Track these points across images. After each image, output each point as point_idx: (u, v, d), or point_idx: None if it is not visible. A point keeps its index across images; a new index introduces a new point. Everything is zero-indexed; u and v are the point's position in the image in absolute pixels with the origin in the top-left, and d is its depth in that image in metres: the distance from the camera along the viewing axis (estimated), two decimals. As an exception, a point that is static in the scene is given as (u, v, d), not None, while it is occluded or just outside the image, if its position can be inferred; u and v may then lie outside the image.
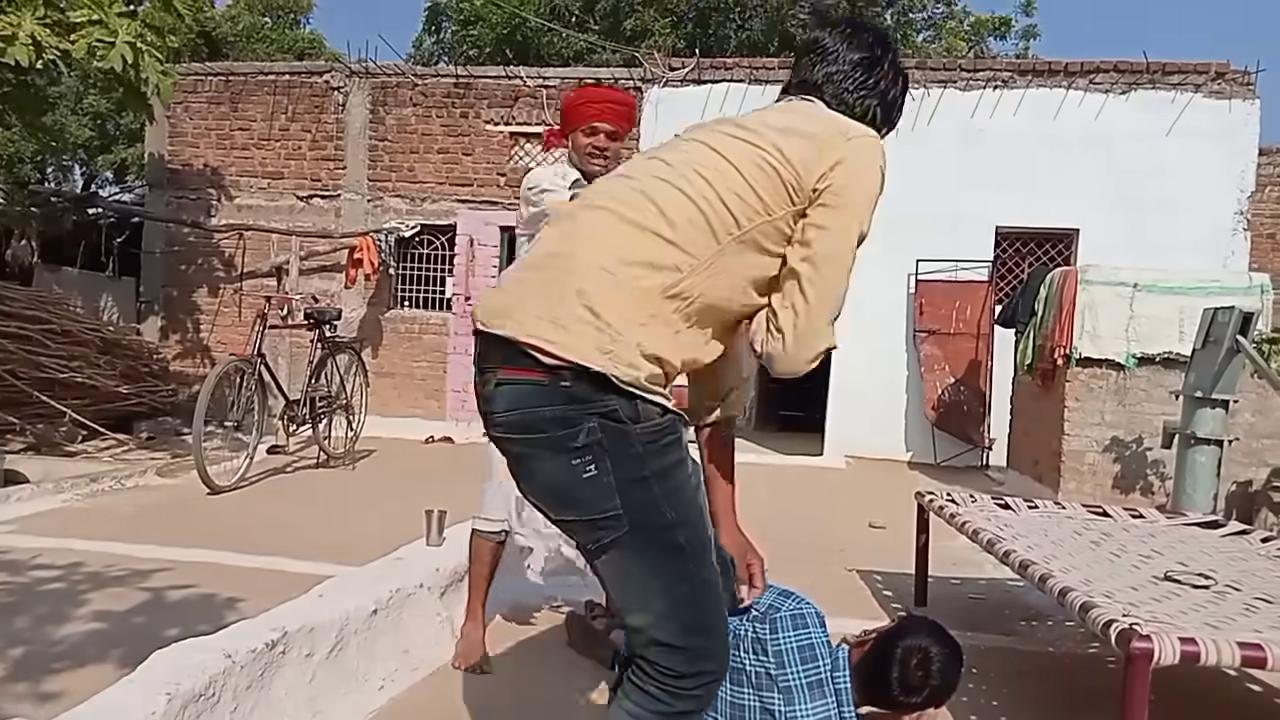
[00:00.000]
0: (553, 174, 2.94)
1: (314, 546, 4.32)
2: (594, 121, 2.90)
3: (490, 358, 1.51)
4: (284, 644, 2.34)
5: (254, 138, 10.30)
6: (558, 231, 1.58)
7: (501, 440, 1.54)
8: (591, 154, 2.91)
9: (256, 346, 6.14)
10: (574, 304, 1.44)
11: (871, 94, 1.77)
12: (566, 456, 1.45)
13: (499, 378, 1.49)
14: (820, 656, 2.08)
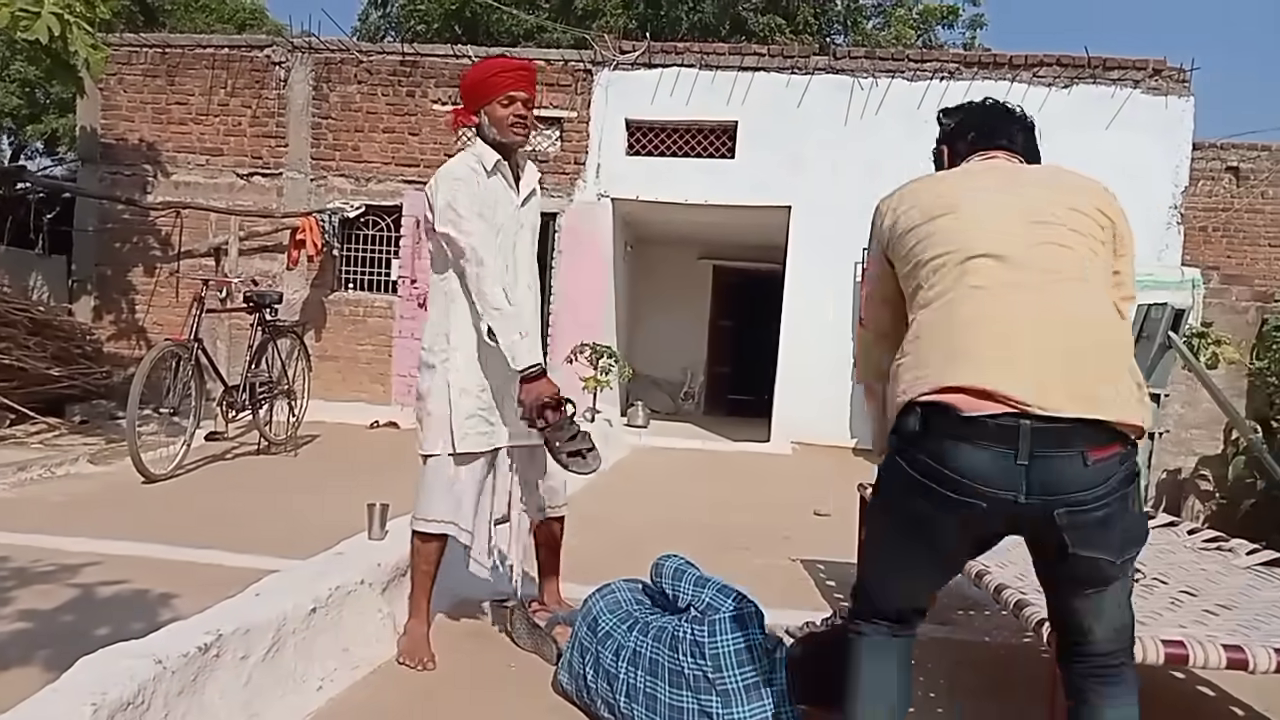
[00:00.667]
0: (468, 170, 2.82)
1: (253, 538, 4.23)
2: (510, 90, 2.80)
3: (1070, 440, 1.52)
4: (218, 647, 2.28)
5: (192, 112, 10.00)
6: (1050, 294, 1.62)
7: (1082, 512, 1.56)
8: (514, 124, 2.82)
9: (193, 331, 5.98)
10: (1130, 380, 1.58)
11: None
12: (1132, 502, 1.61)
13: (1092, 459, 1.53)
14: (757, 659, 2.10)
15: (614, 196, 9.48)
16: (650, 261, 12.18)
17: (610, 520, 5.09)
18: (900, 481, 1.65)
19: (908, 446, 1.62)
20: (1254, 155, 11.81)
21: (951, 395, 1.54)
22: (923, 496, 1.61)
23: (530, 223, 3.03)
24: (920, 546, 1.70)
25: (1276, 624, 2.39)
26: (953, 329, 1.61)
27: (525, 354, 2.69)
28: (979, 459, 1.53)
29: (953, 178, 1.90)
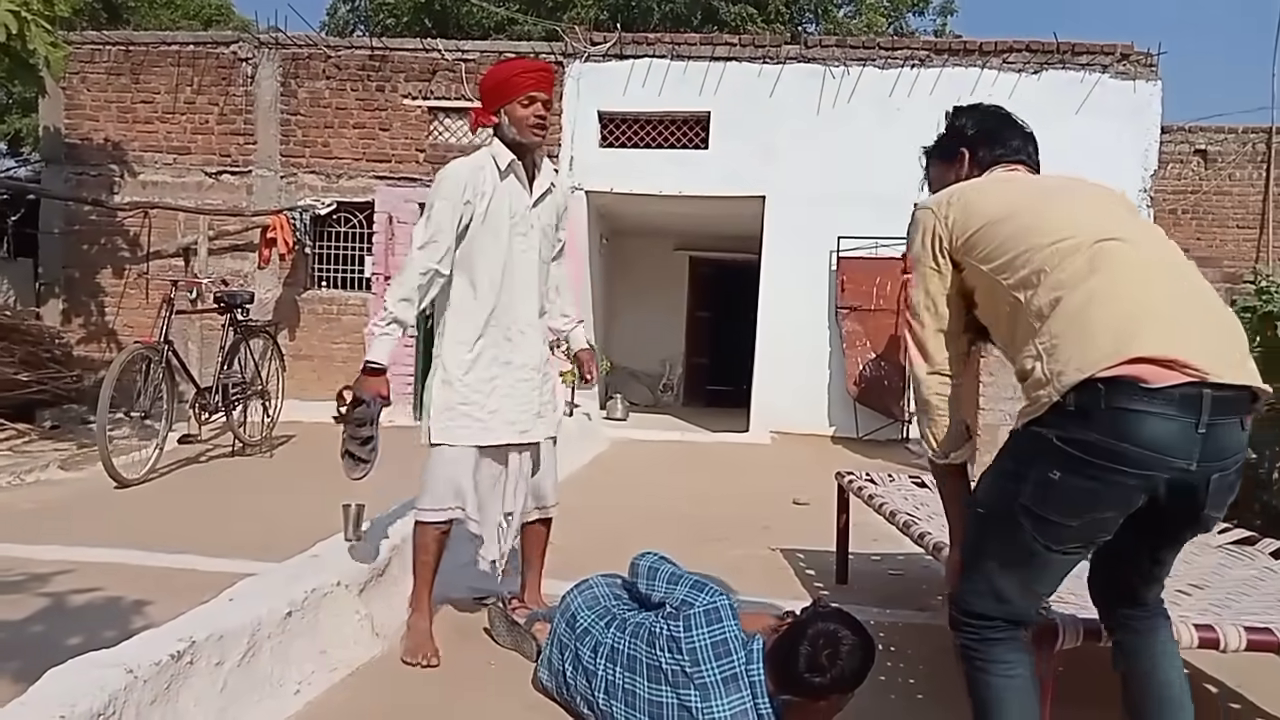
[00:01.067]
0: (470, 171, 2.86)
1: (228, 542, 4.19)
2: (532, 91, 2.84)
3: (1237, 407, 1.58)
4: (191, 654, 2.25)
5: (158, 111, 9.86)
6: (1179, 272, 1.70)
7: (1227, 475, 1.63)
8: (534, 125, 2.86)
9: (163, 333, 5.90)
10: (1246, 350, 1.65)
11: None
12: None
13: (1247, 424, 1.62)
14: (734, 650, 2.09)
15: (588, 189, 9.45)
16: (626, 253, 12.17)
17: (590, 514, 5.08)
18: (1047, 458, 1.62)
19: (1075, 426, 1.58)
20: (1221, 138, 11.94)
21: (1136, 367, 1.53)
22: (1091, 478, 1.58)
23: (543, 222, 3.04)
24: (1074, 534, 1.67)
25: (1247, 602, 2.42)
26: (1116, 305, 1.60)
27: (375, 348, 2.81)
28: (1163, 429, 1.53)
29: (1017, 182, 1.97)
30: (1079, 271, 1.64)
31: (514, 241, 2.93)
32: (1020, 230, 1.76)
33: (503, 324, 2.94)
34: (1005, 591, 1.77)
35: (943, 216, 1.88)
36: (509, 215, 2.90)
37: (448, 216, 2.82)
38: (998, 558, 1.76)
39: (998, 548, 1.76)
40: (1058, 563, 1.73)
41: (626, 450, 8.12)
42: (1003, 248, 1.77)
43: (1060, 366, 1.60)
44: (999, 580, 1.76)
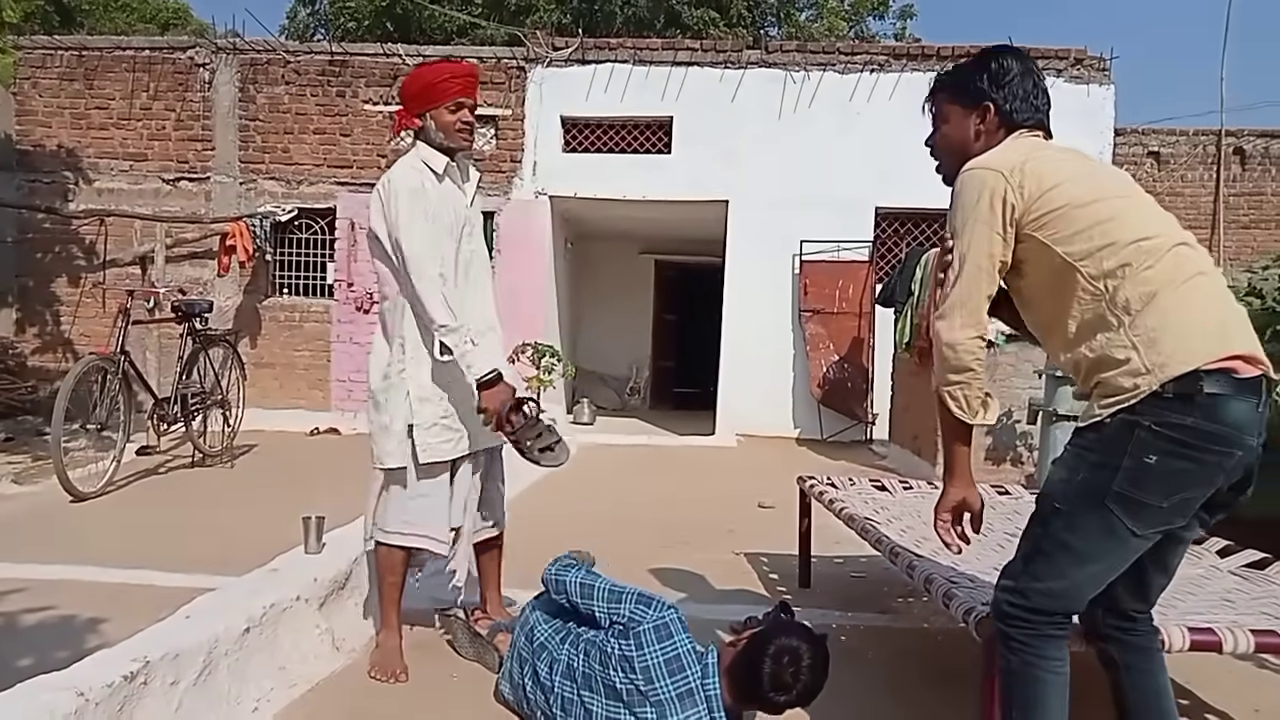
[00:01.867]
0: (418, 178, 2.81)
1: (187, 556, 4.13)
2: (459, 97, 2.82)
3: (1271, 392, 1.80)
4: (145, 674, 2.22)
5: (113, 117, 9.70)
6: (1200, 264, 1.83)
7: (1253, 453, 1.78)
8: (461, 130, 2.84)
9: (120, 343, 5.81)
10: None
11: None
12: None
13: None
14: (688, 665, 2.10)
15: (552, 194, 9.44)
16: (592, 257, 12.17)
17: (556, 520, 5.07)
18: (1142, 445, 1.74)
19: (1173, 412, 1.72)
20: (1173, 140, 12.17)
21: (1232, 361, 1.72)
22: (1188, 458, 1.72)
23: (479, 220, 3.06)
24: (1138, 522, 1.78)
25: (1192, 601, 2.48)
26: (1213, 305, 1.79)
27: (480, 361, 2.70)
28: (1244, 410, 1.72)
29: (1082, 163, 1.98)
30: (1167, 271, 1.78)
31: (462, 244, 2.90)
32: (1101, 220, 1.82)
33: None
34: (1083, 585, 1.85)
35: (1016, 185, 1.88)
36: (455, 218, 2.87)
37: (422, 220, 2.75)
38: (1081, 552, 1.82)
39: (1082, 541, 1.81)
40: (1135, 548, 1.83)
41: (593, 455, 8.11)
42: (1085, 234, 1.83)
43: (1163, 359, 1.73)
44: (1078, 574, 1.83)
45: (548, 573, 2.53)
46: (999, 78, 2.05)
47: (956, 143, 2.11)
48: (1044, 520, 1.88)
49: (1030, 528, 1.93)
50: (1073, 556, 1.82)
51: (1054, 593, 1.85)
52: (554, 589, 2.47)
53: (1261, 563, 2.84)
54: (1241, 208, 12.03)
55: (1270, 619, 2.29)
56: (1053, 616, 1.86)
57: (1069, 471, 1.85)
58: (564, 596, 2.44)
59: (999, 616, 1.92)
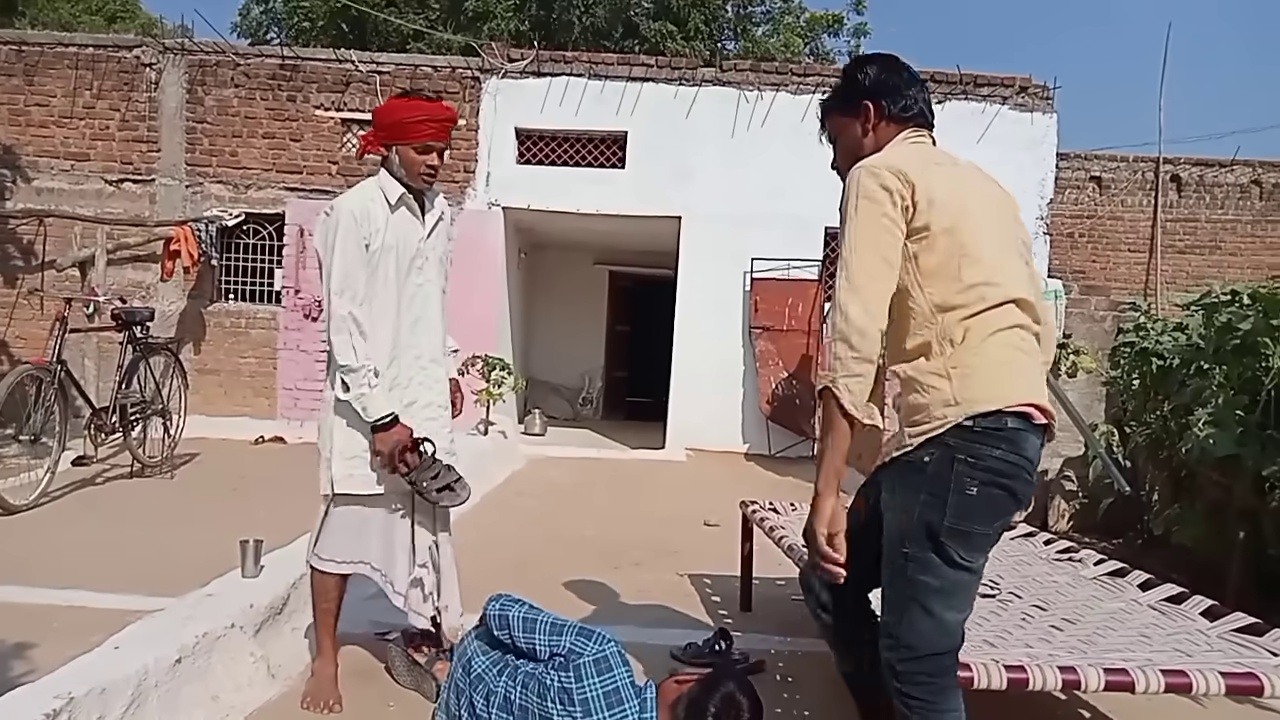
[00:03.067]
0: (364, 208, 2.78)
1: (122, 575, 4.04)
2: (430, 140, 2.80)
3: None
4: (69, 711, 2.18)
5: (54, 114, 9.46)
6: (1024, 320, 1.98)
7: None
8: (425, 173, 2.83)
9: (56, 353, 5.66)
10: None
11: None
12: None
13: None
14: (626, 699, 2.13)
15: (505, 205, 9.42)
16: (546, 267, 12.16)
17: (503, 539, 5.07)
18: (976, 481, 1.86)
19: (980, 445, 1.85)
20: (1114, 166, 12.55)
21: (1029, 408, 1.88)
22: (1002, 487, 1.88)
23: (437, 254, 3.00)
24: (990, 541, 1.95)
25: (1113, 637, 2.57)
26: (1015, 359, 1.93)
27: (375, 405, 2.70)
28: (1037, 446, 1.92)
29: (945, 168, 2.04)
30: (995, 319, 1.92)
31: (411, 276, 2.88)
32: (957, 255, 1.93)
33: (405, 363, 2.87)
34: (950, 620, 1.93)
35: (909, 193, 1.93)
36: (404, 249, 2.84)
37: (354, 253, 2.73)
38: (941, 589, 1.90)
39: (938, 579, 1.89)
40: (974, 579, 1.96)
41: (542, 469, 8.11)
42: (942, 265, 1.93)
43: (973, 395, 1.86)
44: (943, 611, 1.91)
45: (490, 608, 2.53)
46: (870, 78, 2.14)
47: (851, 149, 2.17)
48: (900, 569, 1.94)
49: (891, 579, 1.99)
50: (939, 596, 1.90)
51: (933, 636, 1.92)
52: (496, 625, 2.47)
53: (1178, 597, 2.94)
54: (1177, 233, 12.45)
55: (1183, 656, 2.39)
56: (942, 658, 1.94)
57: (905, 514, 1.93)
58: (505, 632, 2.44)
59: (896, 678, 1.95)
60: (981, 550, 1.93)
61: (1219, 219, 12.42)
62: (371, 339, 2.79)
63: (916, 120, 2.12)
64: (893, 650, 1.96)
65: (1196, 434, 3.82)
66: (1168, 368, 4.34)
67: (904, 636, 1.93)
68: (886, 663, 1.97)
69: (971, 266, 1.91)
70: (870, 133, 2.14)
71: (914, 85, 2.14)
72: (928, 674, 1.93)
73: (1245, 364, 4.02)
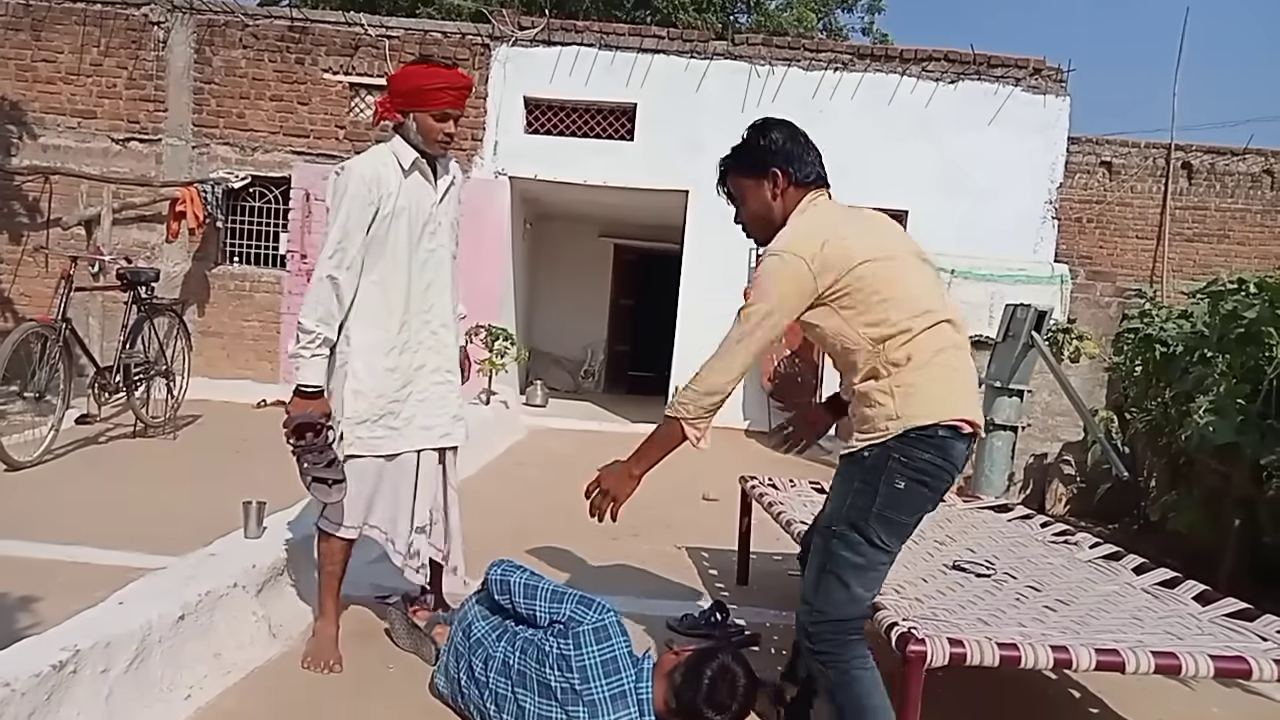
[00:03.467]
0: (373, 168, 2.78)
1: (125, 533, 4.07)
2: (448, 108, 2.80)
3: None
4: (75, 663, 2.21)
5: (61, 71, 9.41)
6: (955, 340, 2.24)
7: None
8: (443, 140, 2.84)
9: (61, 311, 5.68)
10: None
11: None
12: None
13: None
14: (623, 668, 2.16)
15: (512, 175, 9.39)
16: (551, 238, 12.13)
17: (504, 508, 5.11)
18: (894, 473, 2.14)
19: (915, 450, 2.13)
20: (1125, 151, 12.45)
21: (959, 421, 2.15)
22: (925, 485, 2.15)
23: (449, 218, 3.01)
24: (908, 530, 2.23)
25: (1106, 618, 2.59)
26: (956, 377, 2.20)
27: (307, 371, 2.73)
28: (963, 453, 2.20)
29: (858, 223, 2.29)
30: (929, 343, 2.16)
31: (423, 240, 2.89)
32: (886, 299, 2.16)
33: (415, 327, 2.89)
34: (861, 594, 2.19)
35: (817, 271, 2.16)
36: (417, 214, 2.85)
37: (356, 218, 2.74)
38: (861, 566, 2.17)
39: (860, 557, 2.17)
40: (889, 561, 2.23)
41: (543, 439, 8.14)
42: (873, 310, 2.17)
43: (913, 411, 2.13)
44: (857, 586, 2.17)
45: (492, 573, 2.56)
46: (774, 145, 2.34)
47: (761, 212, 2.38)
48: (828, 545, 2.21)
49: (817, 553, 2.25)
50: (856, 571, 2.16)
51: (847, 604, 2.17)
52: (497, 589, 2.51)
53: (1172, 581, 2.96)
54: (1186, 221, 12.37)
55: (1173, 639, 2.41)
56: (851, 623, 2.18)
57: (841, 500, 2.21)
58: (507, 597, 2.48)
59: (808, 639, 2.21)
60: (900, 538, 2.20)
61: (1228, 208, 12.34)
62: (383, 302, 2.81)
63: (816, 183, 2.33)
64: (807, 614, 2.21)
65: (1197, 421, 3.84)
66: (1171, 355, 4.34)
67: (818, 602, 2.19)
68: (800, 625, 2.24)
69: (902, 300, 2.16)
70: (779, 198, 2.33)
71: (812, 150, 2.35)
72: (834, 633, 2.18)
73: (1249, 353, 4.03)
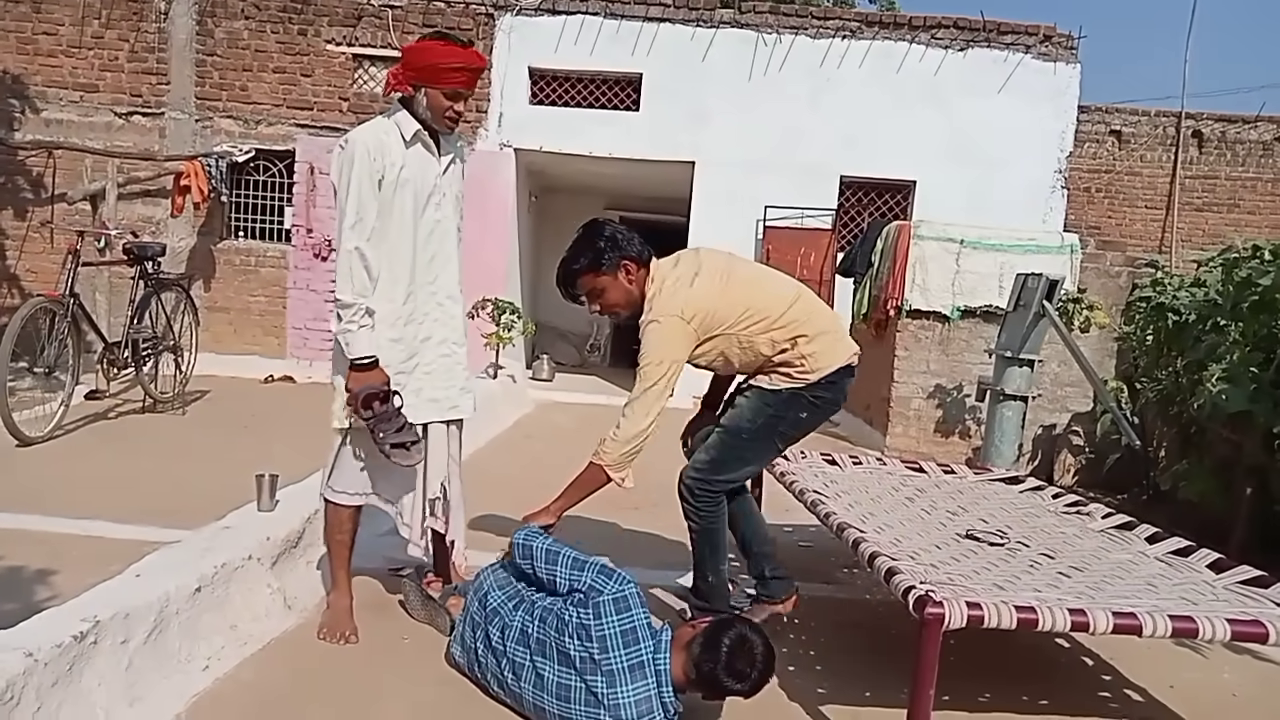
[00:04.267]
0: (378, 141, 2.76)
1: (138, 507, 4.09)
2: (460, 88, 2.78)
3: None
4: (95, 634, 2.23)
5: (62, 44, 9.35)
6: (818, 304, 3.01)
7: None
8: (450, 117, 2.81)
9: (69, 286, 5.67)
10: None
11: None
12: None
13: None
14: (642, 639, 2.16)
15: (517, 146, 9.33)
16: (556, 211, 12.06)
17: (512, 480, 5.11)
18: (801, 406, 2.89)
19: (820, 390, 2.88)
20: (1135, 120, 12.34)
21: (850, 358, 2.93)
22: (820, 413, 2.94)
23: (454, 191, 2.99)
24: (785, 444, 3.07)
25: (1120, 585, 2.60)
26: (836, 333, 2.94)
27: (359, 345, 2.70)
28: (848, 385, 2.97)
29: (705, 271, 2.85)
30: (804, 314, 2.86)
31: (428, 211, 2.87)
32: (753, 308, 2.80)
33: (421, 299, 2.88)
34: (746, 473, 3.09)
35: (695, 329, 2.76)
36: (421, 185, 2.83)
37: (368, 187, 2.72)
38: (750, 460, 3.02)
39: (753, 455, 3.02)
40: (776, 457, 3.22)
41: (550, 414, 8.15)
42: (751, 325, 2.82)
43: (820, 366, 2.85)
44: (744, 470, 3.04)
45: (517, 537, 2.58)
46: (616, 240, 2.84)
47: (623, 299, 2.88)
48: (733, 441, 2.95)
49: (720, 441, 2.97)
50: (744, 463, 3.01)
51: (729, 481, 2.99)
52: (520, 553, 2.52)
53: (1185, 550, 2.96)
54: (1196, 190, 12.29)
55: (1187, 604, 2.41)
56: (726, 487, 2.98)
57: (755, 415, 2.91)
58: (529, 562, 2.49)
59: (690, 496, 2.98)
60: (792, 444, 3.08)
61: (1239, 176, 12.24)
62: (388, 274, 2.79)
63: (648, 257, 2.87)
64: (697, 482, 2.96)
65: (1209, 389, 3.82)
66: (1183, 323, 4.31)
67: (710, 475, 2.95)
68: (689, 486, 2.98)
69: (767, 309, 2.80)
70: (635, 281, 2.84)
71: (632, 231, 2.88)
72: (711, 494, 2.96)
73: (1262, 321, 4.00)
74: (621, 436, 2.75)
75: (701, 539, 3.03)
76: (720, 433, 2.98)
